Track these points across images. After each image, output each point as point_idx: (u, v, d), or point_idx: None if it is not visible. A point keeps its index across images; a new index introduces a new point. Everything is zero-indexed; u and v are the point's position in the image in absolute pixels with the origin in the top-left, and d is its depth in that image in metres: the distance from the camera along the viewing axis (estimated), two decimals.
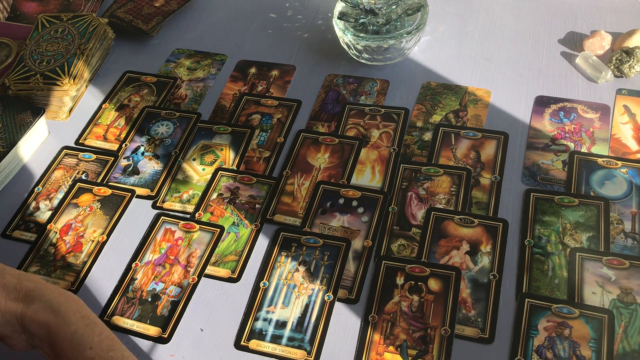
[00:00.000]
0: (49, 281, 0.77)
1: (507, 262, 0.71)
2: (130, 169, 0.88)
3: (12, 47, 1.06)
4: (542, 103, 0.86)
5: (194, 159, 0.87)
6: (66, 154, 0.91)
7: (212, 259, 0.76)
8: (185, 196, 0.83)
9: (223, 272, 0.75)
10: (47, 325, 0.58)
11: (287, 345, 0.68)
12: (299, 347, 0.68)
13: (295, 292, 0.72)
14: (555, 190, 0.77)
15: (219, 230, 0.78)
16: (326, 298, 0.71)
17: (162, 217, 0.81)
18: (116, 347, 0.59)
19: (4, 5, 1.13)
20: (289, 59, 0.99)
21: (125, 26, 1.06)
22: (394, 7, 0.90)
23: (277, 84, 0.96)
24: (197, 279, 0.75)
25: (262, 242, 0.77)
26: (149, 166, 0.87)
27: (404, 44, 0.91)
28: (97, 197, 0.84)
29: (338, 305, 0.71)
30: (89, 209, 0.83)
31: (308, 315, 0.70)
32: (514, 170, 0.80)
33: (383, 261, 0.73)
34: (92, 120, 0.95)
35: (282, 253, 0.76)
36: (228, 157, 0.87)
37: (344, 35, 0.92)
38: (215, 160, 0.87)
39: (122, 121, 0.94)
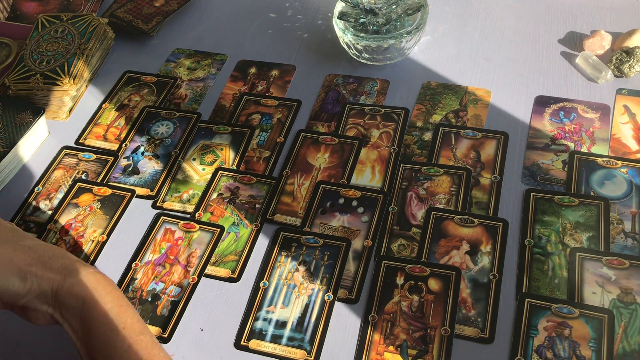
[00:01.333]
0: None
1: (507, 262, 0.71)
2: (130, 168, 0.88)
3: (12, 47, 1.06)
4: (542, 103, 0.86)
5: (194, 159, 0.87)
6: (66, 154, 0.91)
7: (212, 259, 0.76)
8: (185, 196, 0.83)
9: (223, 272, 0.75)
10: (83, 299, 0.59)
11: (287, 345, 0.68)
12: (299, 347, 0.68)
13: (295, 292, 0.72)
14: (555, 190, 0.77)
15: (219, 230, 0.79)
16: (326, 298, 0.71)
17: (162, 217, 0.81)
18: (146, 331, 0.60)
19: (4, 5, 1.13)
20: (289, 59, 0.99)
21: (125, 26, 1.06)
22: (394, 7, 0.90)
23: (277, 83, 0.96)
24: (197, 278, 0.75)
25: (262, 242, 0.77)
26: (149, 166, 0.87)
27: (404, 44, 0.91)
28: (97, 197, 0.84)
29: (338, 305, 0.71)
30: (89, 209, 0.83)
31: (308, 315, 0.70)
32: (514, 170, 0.80)
33: (383, 261, 0.73)
34: (92, 120, 0.95)
35: (282, 253, 0.76)
36: (228, 157, 0.87)
37: (344, 35, 0.92)
38: (215, 160, 0.87)
39: (122, 121, 0.94)
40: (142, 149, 0.90)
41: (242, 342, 0.69)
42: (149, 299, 0.73)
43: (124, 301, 0.61)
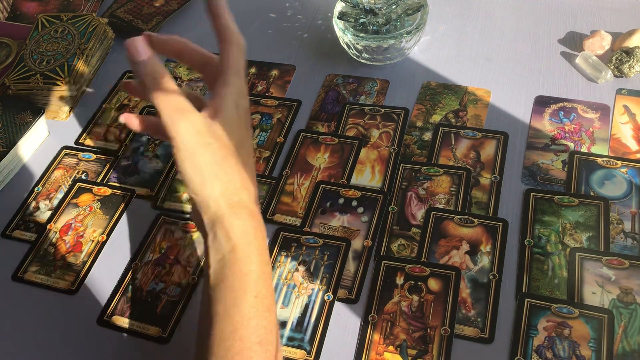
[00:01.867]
0: (49, 281, 0.77)
1: (507, 262, 0.71)
2: (130, 169, 0.88)
3: (12, 47, 1.06)
4: (542, 103, 0.86)
5: None
6: (66, 154, 0.91)
7: None
8: (185, 196, 0.83)
9: None
10: (233, 247, 0.55)
11: (286, 345, 0.68)
12: (299, 347, 0.68)
13: (295, 292, 0.72)
14: (555, 190, 0.77)
15: None
16: (326, 298, 0.71)
17: (162, 217, 0.81)
18: (273, 309, 0.56)
19: (4, 5, 1.13)
20: (289, 59, 0.99)
21: (125, 26, 1.06)
22: (394, 7, 0.90)
23: (277, 83, 0.96)
24: (197, 278, 0.75)
25: None
26: (149, 166, 0.87)
27: (404, 44, 0.91)
28: (97, 197, 0.85)
29: (338, 305, 0.71)
30: (89, 208, 0.83)
31: (308, 315, 0.70)
32: (513, 170, 0.80)
33: (383, 261, 0.73)
34: (92, 120, 0.95)
35: (282, 253, 0.76)
36: None
37: (344, 35, 0.92)
38: None
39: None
40: (142, 149, 0.90)
41: None
42: (149, 299, 0.73)
43: (267, 268, 0.57)
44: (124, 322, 0.72)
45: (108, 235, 0.80)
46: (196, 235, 0.79)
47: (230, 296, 0.54)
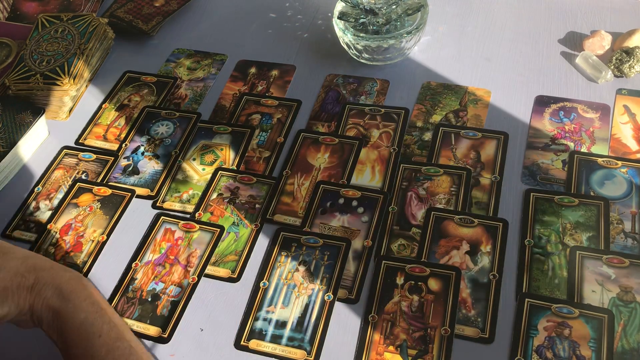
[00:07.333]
0: None
1: (507, 262, 0.71)
2: (130, 168, 0.88)
3: (12, 47, 1.06)
4: (542, 103, 0.86)
5: (194, 159, 0.87)
6: (66, 154, 0.91)
7: (212, 259, 0.76)
8: (185, 196, 0.83)
9: (223, 272, 0.75)
10: (56, 312, 0.59)
11: (287, 345, 0.68)
12: (299, 347, 0.68)
13: (295, 292, 0.72)
14: (555, 190, 0.77)
15: (219, 230, 0.79)
16: (326, 298, 0.71)
17: (162, 217, 0.81)
18: (124, 336, 0.60)
19: (4, 5, 1.13)
20: (289, 59, 0.99)
21: (125, 26, 1.06)
22: (394, 7, 0.90)
23: (277, 83, 0.96)
24: (197, 278, 0.75)
25: (262, 242, 0.77)
26: (149, 166, 0.87)
27: (404, 44, 0.91)
28: (97, 197, 0.84)
29: (338, 305, 0.71)
30: (89, 208, 0.83)
31: (308, 315, 0.70)
32: (514, 170, 0.80)
33: (383, 261, 0.73)
34: (92, 120, 0.95)
35: (282, 253, 0.76)
36: (228, 157, 0.87)
37: (344, 35, 0.92)
38: (215, 160, 0.87)
39: (122, 121, 0.94)
40: (142, 149, 0.90)
41: (242, 342, 0.69)
42: (149, 299, 0.73)
43: (100, 306, 0.60)
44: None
45: (108, 235, 0.80)
46: (196, 235, 0.79)
47: (80, 351, 0.58)
